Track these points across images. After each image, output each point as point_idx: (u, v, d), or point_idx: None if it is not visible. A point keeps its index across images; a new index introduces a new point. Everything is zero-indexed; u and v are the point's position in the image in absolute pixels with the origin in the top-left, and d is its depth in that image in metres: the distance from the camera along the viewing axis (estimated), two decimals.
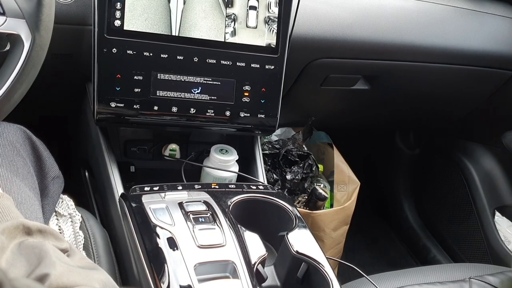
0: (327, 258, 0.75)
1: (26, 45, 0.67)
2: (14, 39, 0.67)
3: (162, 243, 0.70)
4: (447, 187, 1.64)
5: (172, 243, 0.70)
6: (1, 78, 0.67)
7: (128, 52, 0.85)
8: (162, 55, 0.87)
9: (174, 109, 0.90)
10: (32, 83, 0.71)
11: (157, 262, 0.68)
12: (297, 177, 1.34)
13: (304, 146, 1.42)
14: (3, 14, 0.66)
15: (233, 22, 0.90)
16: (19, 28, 0.67)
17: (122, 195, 0.84)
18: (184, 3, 0.87)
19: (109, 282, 0.49)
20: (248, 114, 0.94)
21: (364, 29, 1.11)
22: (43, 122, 1.13)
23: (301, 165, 1.35)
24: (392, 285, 0.91)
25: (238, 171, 0.98)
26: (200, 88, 0.90)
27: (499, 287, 0.93)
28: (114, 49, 0.84)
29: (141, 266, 0.71)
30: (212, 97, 0.91)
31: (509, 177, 1.52)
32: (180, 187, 0.84)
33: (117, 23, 0.84)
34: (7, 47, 0.70)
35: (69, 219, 0.84)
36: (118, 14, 0.83)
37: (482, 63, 1.27)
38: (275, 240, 0.83)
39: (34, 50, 0.68)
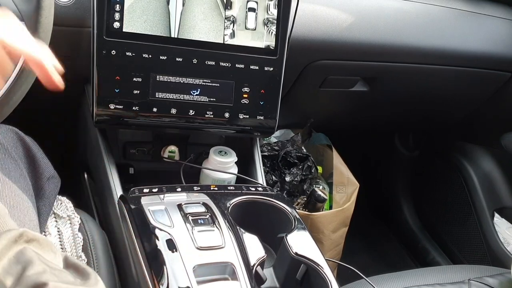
0: (326, 259, 0.75)
1: None
2: None
3: (161, 245, 0.70)
4: (446, 189, 1.64)
5: (171, 245, 0.70)
6: None
7: (127, 54, 0.85)
8: (161, 57, 0.87)
9: (173, 110, 0.90)
10: (31, 85, 0.71)
11: (156, 264, 0.68)
12: (296, 179, 1.34)
13: (303, 147, 1.42)
14: None
15: (232, 24, 0.90)
16: None
17: (121, 197, 0.84)
18: (183, 5, 0.87)
19: None
20: (247, 116, 0.94)
21: (363, 31, 1.11)
22: (42, 124, 1.13)
23: (300, 167, 1.35)
24: (391, 287, 0.91)
25: (237, 173, 0.98)
26: (199, 89, 0.90)
27: None
28: (113, 51, 0.84)
29: (140, 268, 0.71)
30: (211, 99, 0.91)
31: (508, 179, 1.52)
32: (179, 189, 0.84)
33: (116, 25, 0.84)
34: None
35: (68, 221, 0.84)
36: (117, 16, 0.83)
37: (481, 64, 1.27)
38: (274, 242, 0.83)
39: None
